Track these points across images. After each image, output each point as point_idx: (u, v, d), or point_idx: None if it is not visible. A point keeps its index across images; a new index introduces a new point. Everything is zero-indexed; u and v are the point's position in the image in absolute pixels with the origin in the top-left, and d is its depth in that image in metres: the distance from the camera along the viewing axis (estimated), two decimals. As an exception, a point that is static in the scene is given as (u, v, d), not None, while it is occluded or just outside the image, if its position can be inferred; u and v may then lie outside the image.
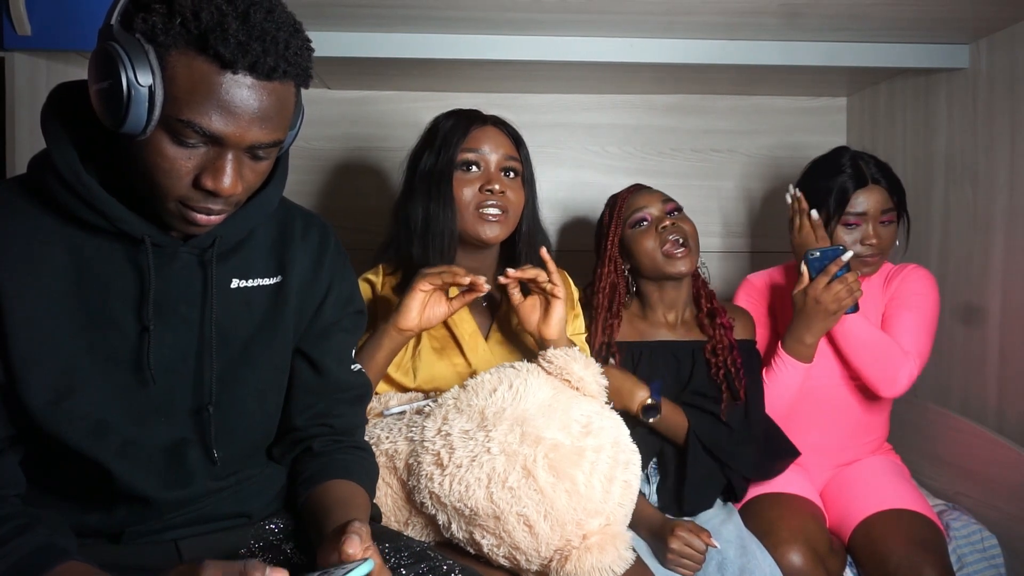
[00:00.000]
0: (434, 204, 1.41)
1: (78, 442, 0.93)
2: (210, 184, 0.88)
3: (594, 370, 1.27)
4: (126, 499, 0.98)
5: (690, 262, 1.58)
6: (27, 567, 0.85)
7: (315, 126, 2.22)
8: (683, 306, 1.67)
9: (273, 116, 0.89)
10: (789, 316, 1.67)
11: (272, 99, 0.88)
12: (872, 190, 1.67)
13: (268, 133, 0.89)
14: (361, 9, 1.63)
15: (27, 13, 1.57)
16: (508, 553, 1.17)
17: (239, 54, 0.83)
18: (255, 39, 0.84)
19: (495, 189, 1.40)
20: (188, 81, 0.84)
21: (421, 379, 1.41)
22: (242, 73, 0.85)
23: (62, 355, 0.93)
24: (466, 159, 1.42)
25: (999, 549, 1.62)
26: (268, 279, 1.07)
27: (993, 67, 1.78)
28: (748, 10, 1.61)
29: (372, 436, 1.30)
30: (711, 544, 1.38)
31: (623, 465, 1.19)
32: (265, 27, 0.85)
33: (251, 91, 0.86)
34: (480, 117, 1.47)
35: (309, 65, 0.92)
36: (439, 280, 1.31)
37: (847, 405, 1.73)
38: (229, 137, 0.86)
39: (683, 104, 2.30)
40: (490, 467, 1.14)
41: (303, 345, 1.12)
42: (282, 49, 0.86)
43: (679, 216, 1.62)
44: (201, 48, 0.83)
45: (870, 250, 1.67)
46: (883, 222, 1.67)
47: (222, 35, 0.82)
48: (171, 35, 0.83)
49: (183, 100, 0.84)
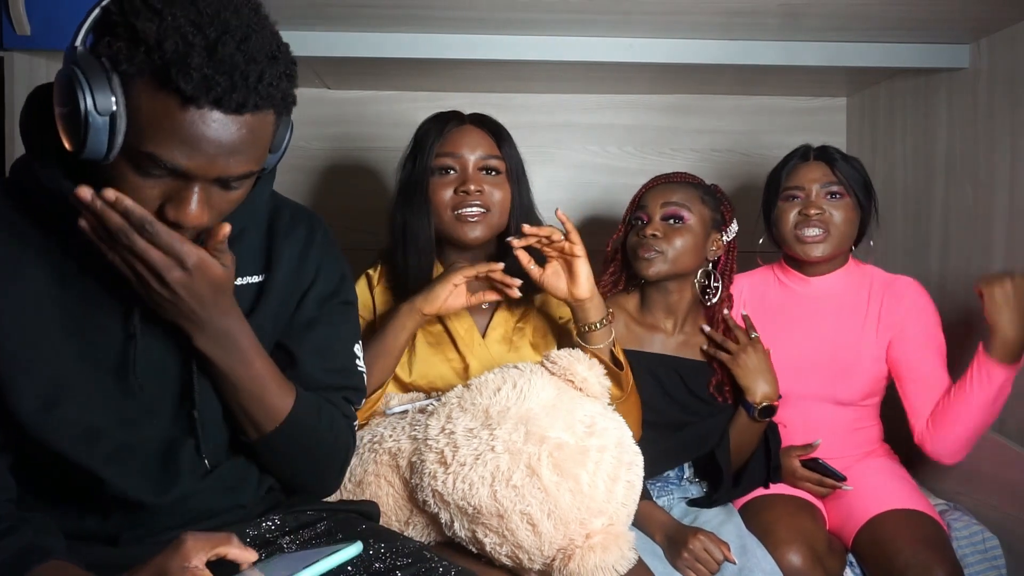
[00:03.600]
0: (409, 211, 1.43)
1: (68, 449, 0.93)
2: (172, 215, 0.85)
3: (597, 371, 1.27)
4: (120, 504, 0.98)
5: (657, 267, 1.54)
6: (8, 569, 0.84)
7: (313, 126, 2.22)
8: (683, 313, 1.63)
9: (244, 149, 0.84)
10: (765, 317, 1.69)
11: (243, 132, 0.83)
12: (814, 165, 1.67)
13: (238, 166, 0.85)
14: (361, 9, 1.63)
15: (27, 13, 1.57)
16: (511, 552, 1.17)
17: (202, 90, 0.78)
18: (222, 73, 0.79)
19: (470, 190, 1.40)
20: (151, 113, 0.80)
21: (416, 374, 1.42)
22: (207, 108, 0.80)
23: (49, 362, 0.92)
24: (441, 164, 1.43)
25: (1000, 550, 1.62)
26: (256, 276, 1.06)
27: (993, 67, 1.78)
28: (748, 10, 1.61)
29: (376, 435, 1.30)
30: (729, 558, 1.36)
31: (627, 466, 1.19)
32: (235, 60, 0.79)
33: (218, 125, 0.81)
34: (457, 117, 1.47)
35: (290, 92, 0.88)
36: (473, 272, 1.34)
37: (826, 413, 1.70)
38: (193, 171, 0.83)
39: (683, 104, 2.30)
40: (494, 465, 1.14)
41: (284, 338, 1.10)
42: (253, 82, 0.81)
43: (672, 227, 1.57)
44: (163, 82, 0.78)
45: (811, 224, 1.63)
46: (827, 196, 1.64)
47: (184, 69, 0.77)
48: (135, 63, 0.79)
49: (146, 132, 0.81)
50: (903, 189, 2.10)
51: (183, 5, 0.80)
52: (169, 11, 0.79)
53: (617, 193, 2.29)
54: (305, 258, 1.10)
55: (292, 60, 0.88)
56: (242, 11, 0.83)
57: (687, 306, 1.63)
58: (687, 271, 1.59)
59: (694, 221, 1.57)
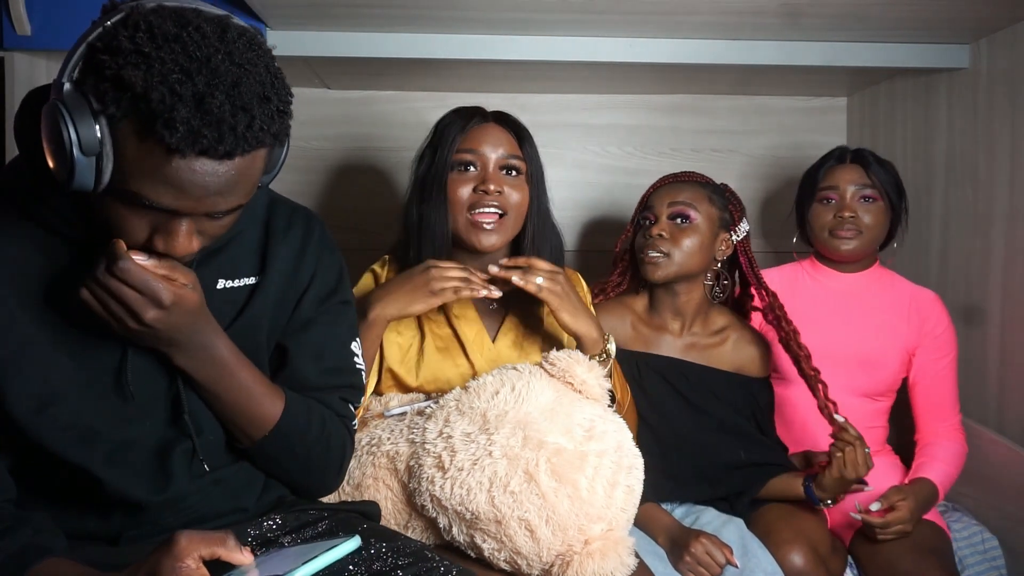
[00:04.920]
0: (427, 205, 1.40)
1: (64, 450, 0.93)
2: (161, 247, 0.85)
3: (597, 373, 1.26)
4: (119, 504, 0.98)
5: (663, 271, 1.54)
6: (8, 569, 0.84)
7: (315, 126, 2.22)
8: (692, 315, 1.62)
9: (233, 189, 0.83)
10: (796, 310, 1.66)
11: (232, 174, 0.82)
12: (850, 167, 1.71)
13: (227, 203, 0.84)
14: (361, 9, 1.63)
15: (27, 13, 1.58)
16: (509, 557, 1.16)
17: (188, 144, 0.77)
18: (209, 125, 0.77)
19: (490, 189, 1.37)
20: (137, 157, 0.79)
21: (423, 378, 1.39)
22: (192, 157, 0.78)
23: (43, 363, 0.92)
24: (462, 159, 1.40)
25: (1000, 550, 1.62)
26: (252, 277, 1.06)
27: (993, 67, 1.78)
28: (748, 10, 1.61)
29: (373, 437, 1.30)
30: (732, 561, 1.36)
31: (626, 470, 1.18)
32: (223, 112, 0.77)
33: (206, 170, 0.80)
34: (481, 114, 1.45)
35: (283, 128, 0.85)
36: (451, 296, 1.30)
37: (846, 405, 1.72)
38: (181, 210, 0.82)
39: (683, 104, 2.30)
40: (492, 471, 1.14)
41: (282, 338, 1.10)
42: (243, 131, 0.79)
43: (679, 226, 1.56)
44: (148, 132, 0.77)
45: (845, 224, 1.68)
46: (862, 199, 1.68)
47: (169, 123, 0.76)
48: (121, 109, 0.77)
49: (131, 173, 0.80)
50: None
51: (171, 48, 0.77)
52: (157, 55, 0.76)
53: (618, 193, 2.29)
54: (302, 258, 1.10)
55: (287, 92, 0.86)
56: (235, 49, 0.80)
57: (695, 307, 1.62)
58: (694, 272, 1.57)
59: (701, 220, 1.56)
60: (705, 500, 1.59)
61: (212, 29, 0.80)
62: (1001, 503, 1.66)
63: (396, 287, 1.32)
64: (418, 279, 1.30)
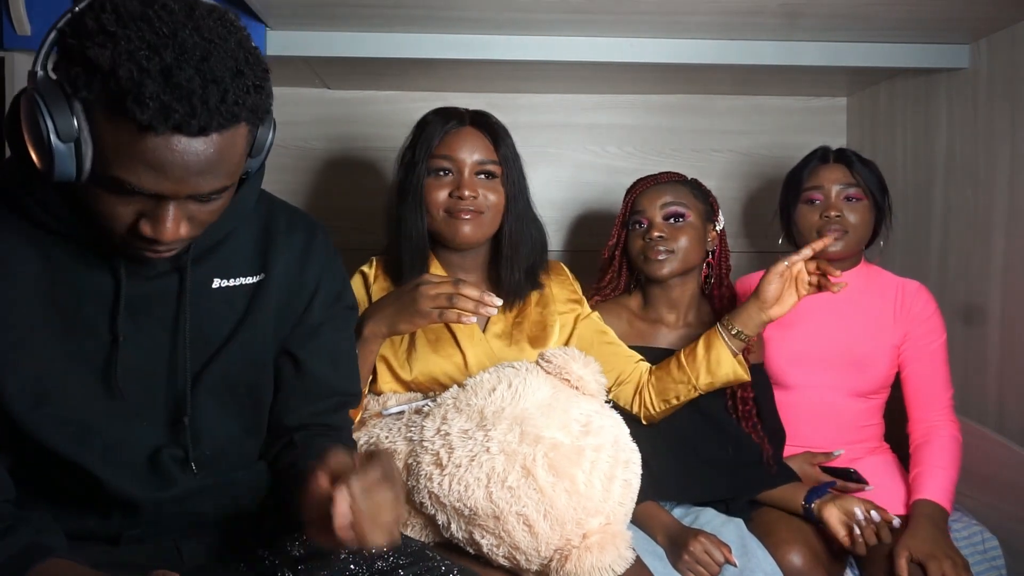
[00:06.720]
0: (405, 207, 1.44)
1: (61, 447, 0.93)
2: (149, 232, 0.84)
3: (593, 369, 1.27)
4: (118, 503, 0.98)
5: (669, 267, 1.58)
6: (9, 568, 0.84)
7: (314, 126, 2.22)
8: (686, 307, 1.66)
9: (214, 168, 0.82)
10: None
11: (210, 152, 0.81)
12: (834, 167, 1.70)
13: (210, 184, 0.83)
14: (361, 9, 1.63)
15: (27, 13, 1.58)
16: (508, 553, 1.17)
17: (159, 119, 0.76)
18: (180, 99, 0.76)
19: (464, 195, 1.41)
20: (113, 139, 0.78)
21: (417, 371, 1.42)
22: (168, 133, 0.77)
23: (38, 360, 0.92)
24: (438, 165, 1.43)
25: (1000, 550, 1.62)
26: (251, 277, 1.05)
27: (993, 67, 1.78)
28: (748, 10, 1.61)
29: (372, 436, 1.30)
30: (730, 560, 1.37)
31: (623, 464, 1.19)
32: (192, 84, 0.76)
33: (183, 148, 0.79)
34: (458, 117, 1.47)
35: (260, 103, 0.84)
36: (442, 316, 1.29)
37: (839, 405, 1.72)
38: (164, 192, 0.81)
39: (683, 104, 2.30)
40: (489, 467, 1.14)
41: (289, 345, 1.10)
42: (215, 104, 0.78)
43: (674, 226, 1.59)
44: (120, 111, 0.76)
45: (831, 224, 1.67)
46: (846, 199, 1.68)
47: (139, 99, 0.75)
48: (93, 90, 0.77)
49: (111, 158, 0.79)
50: (903, 189, 2.09)
51: (137, 25, 0.77)
52: (123, 33, 0.76)
53: (617, 193, 2.27)
54: (305, 263, 1.10)
55: (263, 68, 0.84)
56: (203, 25, 0.80)
57: (689, 299, 1.66)
58: (694, 265, 1.63)
59: (694, 217, 1.61)
60: (698, 502, 1.59)
61: (179, 7, 0.80)
62: (1001, 503, 1.66)
63: (387, 304, 1.34)
64: (406, 298, 1.30)
